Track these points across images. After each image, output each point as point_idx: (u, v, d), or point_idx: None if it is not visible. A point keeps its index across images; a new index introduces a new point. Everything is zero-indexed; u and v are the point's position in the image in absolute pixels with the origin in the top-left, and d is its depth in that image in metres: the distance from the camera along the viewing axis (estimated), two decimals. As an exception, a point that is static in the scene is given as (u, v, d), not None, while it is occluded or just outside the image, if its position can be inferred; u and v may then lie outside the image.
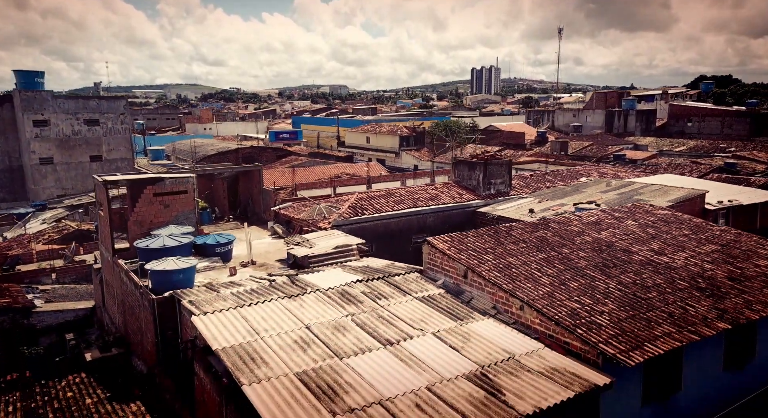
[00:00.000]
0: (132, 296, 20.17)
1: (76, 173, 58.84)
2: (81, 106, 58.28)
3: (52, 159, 57.60)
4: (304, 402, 10.99)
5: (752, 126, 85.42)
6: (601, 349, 12.37)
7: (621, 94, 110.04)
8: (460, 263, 16.39)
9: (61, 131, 57.63)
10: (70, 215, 46.59)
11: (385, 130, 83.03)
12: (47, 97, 56.66)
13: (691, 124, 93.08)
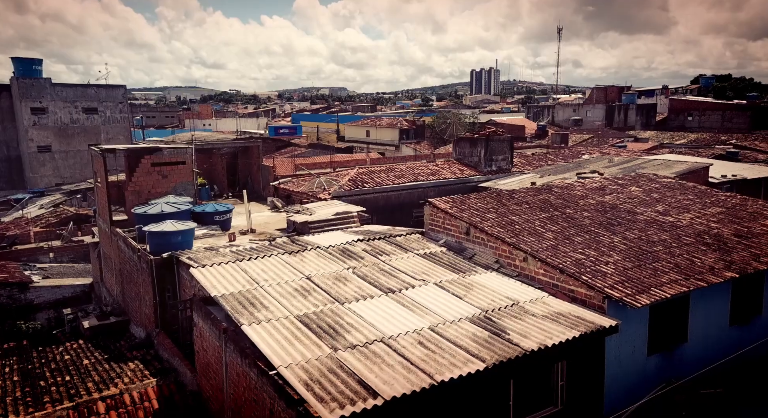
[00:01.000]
0: (130, 262, 19.91)
1: (75, 162, 58.50)
2: (79, 94, 57.97)
3: (50, 147, 57.25)
4: (305, 340, 10.75)
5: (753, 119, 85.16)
6: (607, 293, 12.13)
7: (621, 89, 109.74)
8: (462, 220, 16.14)
9: (59, 119, 57.29)
10: (68, 201, 46.27)
11: (384, 123, 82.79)
12: (45, 84, 56.31)
13: (692, 119, 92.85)
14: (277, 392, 9.55)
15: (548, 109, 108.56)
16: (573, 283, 12.84)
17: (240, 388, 11.20)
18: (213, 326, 12.37)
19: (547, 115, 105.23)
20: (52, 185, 56.31)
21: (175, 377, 14.49)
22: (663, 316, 13.40)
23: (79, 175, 57.56)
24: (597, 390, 12.41)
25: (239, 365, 11.11)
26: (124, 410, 13.00)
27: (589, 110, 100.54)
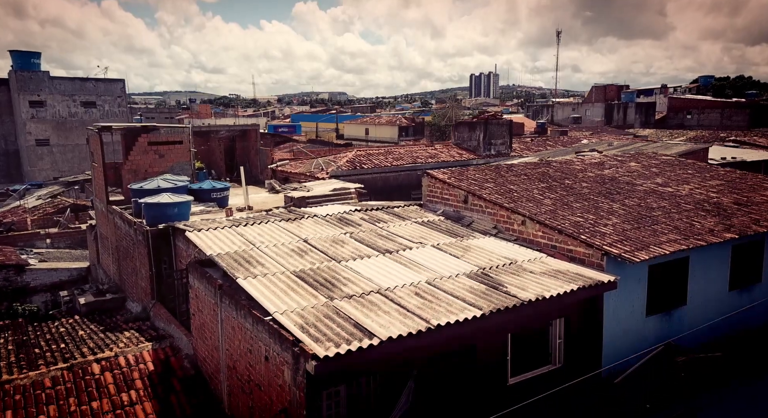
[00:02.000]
0: (126, 237, 19.79)
1: (73, 156, 58.41)
2: (78, 88, 57.91)
3: (48, 141, 57.16)
4: (301, 291, 10.64)
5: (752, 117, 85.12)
6: (606, 250, 12.03)
7: (620, 88, 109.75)
8: (460, 188, 16.04)
9: (57, 113, 57.21)
10: (66, 192, 46.14)
11: (383, 121, 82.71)
12: (43, 77, 56.26)
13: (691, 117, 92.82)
14: (272, 337, 9.44)
15: (547, 108, 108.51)
16: (571, 242, 12.74)
17: (235, 342, 11.08)
18: (209, 284, 12.26)
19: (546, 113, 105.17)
20: (50, 179, 56.16)
21: (171, 342, 14.37)
22: (662, 278, 13.30)
23: (77, 169, 57.42)
24: (595, 349, 12.29)
25: (234, 319, 11.00)
26: (119, 371, 12.88)
27: (588, 109, 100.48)
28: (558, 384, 11.73)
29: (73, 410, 11.58)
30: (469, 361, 10.95)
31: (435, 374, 11.26)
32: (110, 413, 11.69)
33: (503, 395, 11.17)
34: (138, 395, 12.26)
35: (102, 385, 12.37)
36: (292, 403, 8.97)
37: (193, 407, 12.23)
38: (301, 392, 8.69)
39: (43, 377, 12.37)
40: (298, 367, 8.70)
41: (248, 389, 10.68)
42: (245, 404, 10.91)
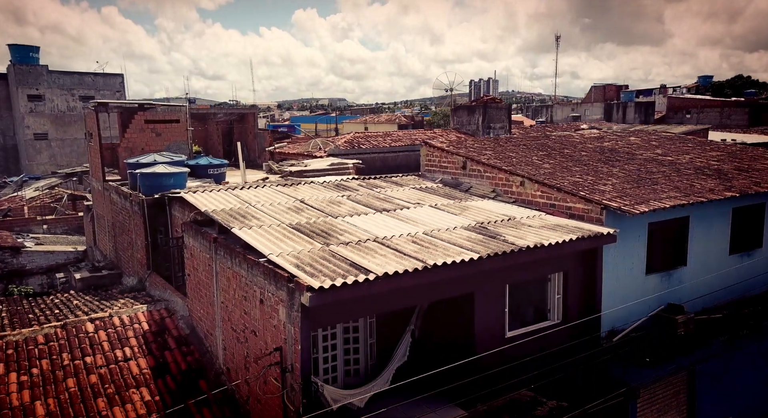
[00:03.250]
0: (122, 211, 19.66)
1: (71, 150, 58.27)
2: (76, 82, 57.80)
3: (46, 135, 57.02)
4: (297, 238, 10.51)
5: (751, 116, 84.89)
6: (605, 204, 11.91)
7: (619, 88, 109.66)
8: (458, 155, 15.93)
9: (56, 107, 57.09)
10: (64, 183, 45.99)
11: (383, 119, 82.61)
12: (42, 71, 56.15)
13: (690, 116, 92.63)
14: (267, 278, 9.30)
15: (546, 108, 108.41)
16: (570, 199, 12.62)
17: (230, 292, 10.94)
18: (203, 240, 12.13)
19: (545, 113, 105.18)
20: (48, 173, 56.00)
21: (166, 304, 14.22)
22: (661, 237, 13.19)
23: (75, 163, 57.23)
24: (594, 305, 12.14)
25: (229, 269, 10.87)
26: (113, 330, 12.73)
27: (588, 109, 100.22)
28: (556, 339, 11.62)
29: (66, 364, 11.43)
30: (467, 310, 10.81)
31: (432, 322, 11.15)
32: (104, 367, 11.53)
33: (501, 347, 11.00)
34: (132, 352, 12.11)
35: (96, 342, 12.22)
36: (287, 341, 8.83)
37: (188, 363, 12.07)
38: (296, 327, 8.54)
39: (36, 333, 12.22)
40: (293, 302, 8.56)
41: (243, 338, 10.54)
42: (240, 354, 10.76)
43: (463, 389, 10.75)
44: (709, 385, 14.61)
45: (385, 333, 11.71)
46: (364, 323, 11.89)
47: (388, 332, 11.60)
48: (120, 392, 10.94)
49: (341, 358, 11.73)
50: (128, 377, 11.39)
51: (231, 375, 11.33)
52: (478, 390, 10.79)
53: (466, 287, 10.46)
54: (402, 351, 11.24)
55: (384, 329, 11.78)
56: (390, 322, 11.68)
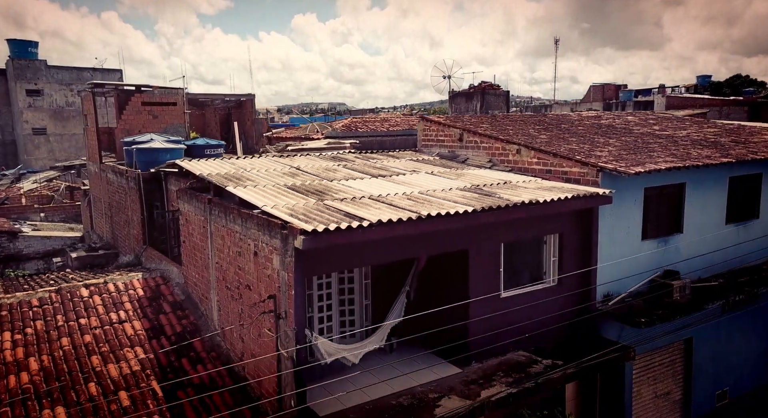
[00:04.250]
0: (119, 190, 19.63)
1: (70, 145, 58.20)
2: (75, 77, 57.74)
3: (45, 130, 56.97)
4: (292, 195, 10.48)
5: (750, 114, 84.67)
6: (601, 166, 11.88)
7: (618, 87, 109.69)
8: (455, 127, 15.92)
9: (54, 102, 57.04)
10: (63, 176, 45.93)
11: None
12: (41, 66, 56.13)
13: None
14: (261, 229, 9.28)
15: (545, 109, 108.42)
16: (566, 164, 12.59)
17: (224, 250, 10.91)
18: (198, 202, 12.11)
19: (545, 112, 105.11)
20: (47, 168, 55.95)
21: (162, 272, 14.18)
22: (657, 202, 13.18)
23: (74, 157, 57.16)
24: (590, 269, 12.10)
25: (223, 227, 10.84)
26: (107, 295, 12.69)
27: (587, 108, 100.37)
28: (551, 302, 11.59)
29: (60, 325, 11.38)
30: (461, 270, 10.77)
31: (427, 283, 11.11)
32: (98, 328, 11.48)
33: (496, 307, 10.98)
34: (127, 315, 12.07)
35: (90, 306, 12.18)
36: (281, 288, 8.79)
37: (182, 326, 12.02)
38: (290, 273, 8.50)
39: (30, 297, 12.18)
40: (287, 248, 8.53)
41: (237, 295, 10.50)
42: (235, 312, 10.72)
43: (458, 349, 10.73)
44: (706, 356, 14.59)
45: (380, 294, 11.68)
46: (359, 285, 11.86)
47: (383, 293, 11.57)
48: (114, 351, 10.89)
49: (336, 319, 11.69)
50: (122, 337, 11.34)
51: (226, 335, 11.29)
52: (473, 350, 10.77)
53: (461, 243, 10.43)
54: (397, 311, 11.20)
55: (379, 291, 11.75)
56: (385, 283, 11.66)
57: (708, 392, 14.87)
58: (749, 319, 15.25)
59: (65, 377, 9.95)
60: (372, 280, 11.83)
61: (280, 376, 9.05)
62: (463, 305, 10.61)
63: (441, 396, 9.66)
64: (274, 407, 9.32)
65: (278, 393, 9.17)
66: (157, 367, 10.70)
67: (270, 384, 9.45)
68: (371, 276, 11.84)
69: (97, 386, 9.91)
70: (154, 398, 9.91)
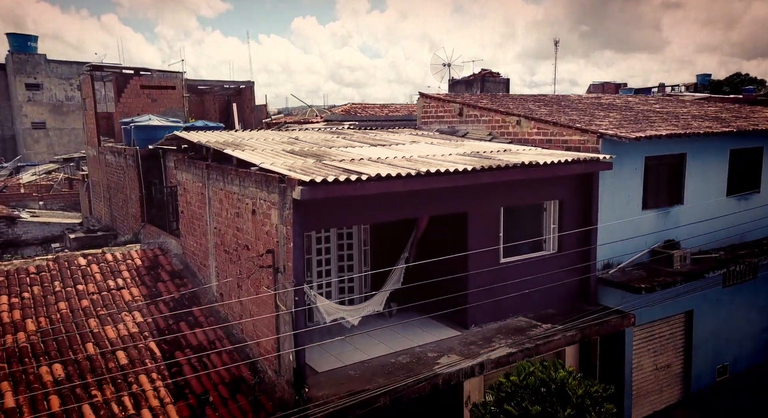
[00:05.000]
0: (117, 171, 19.57)
1: (69, 139, 58.08)
2: (75, 72, 57.47)
3: (44, 124, 56.87)
4: (291, 156, 10.43)
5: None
6: (601, 132, 11.83)
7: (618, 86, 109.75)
8: (455, 102, 15.87)
9: (53, 96, 56.96)
10: (62, 168, 45.87)
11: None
12: (40, 60, 56.05)
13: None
14: (259, 185, 9.22)
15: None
16: (566, 132, 12.54)
17: (223, 214, 10.85)
18: (197, 169, 12.06)
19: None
20: (46, 162, 55.87)
21: (160, 244, 14.12)
22: (658, 172, 13.13)
23: (74, 152, 57.11)
24: (590, 237, 12.04)
25: (221, 190, 10.78)
26: (105, 264, 12.62)
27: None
28: (551, 270, 11.52)
29: (58, 290, 11.33)
30: (460, 234, 10.69)
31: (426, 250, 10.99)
32: (95, 294, 11.42)
33: (495, 273, 10.90)
34: (125, 283, 12.01)
35: (88, 273, 12.12)
36: (280, 243, 8.73)
37: (181, 293, 11.96)
38: (288, 226, 8.44)
39: (27, 264, 12.13)
40: (285, 201, 8.47)
41: (236, 257, 10.44)
42: (233, 274, 10.66)
43: (458, 314, 10.69)
44: (706, 329, 14.53)
45: (380, 261, 11.59)
46: (358, 252, 11.80)
47: (382, 260, 11.47)
48: (112, 315, 10.83)
49: (335, 286, 11.64)
50: (120, 302, 11.29)
51: (224, 300, 11.22)
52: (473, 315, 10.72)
53: (460, 205, 10.36)
54: (396, 277, 11.15)
55: (378, 257, 11.68)
56: (384, 250, 11.59)
57: (708, 366, 14.81)
58: (750, 294, 15.21)
59: (63, 338, 9.89)
60: (371, 247, 11.79)
61: (278, 332, 8.99)
62: (463, 271, 10.53)
63: (440, 355, 9.60)
64: (273, 364, 9.26)
65: (277, 350, 9.10)
66: (155, 330, 10.63)
67: (268, 342, 9.39)
68: (370, 242, 11.79)
69: (94, 346, 9.85)
70: (152, 357, 9.85)
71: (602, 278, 12.24)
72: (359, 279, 11.78)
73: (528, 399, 7.28)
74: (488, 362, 9.43)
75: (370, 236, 11.81)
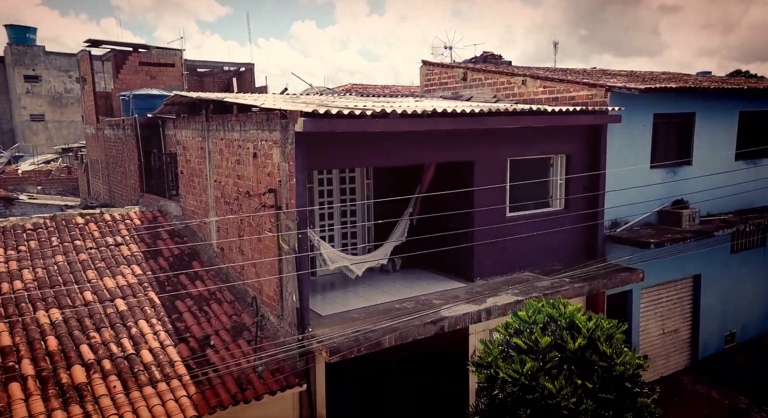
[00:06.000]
0: (116, 144, 19.36)
1: (68, 132, 57.82)
2: (74, 64, 57.35)
3: (43, 116, 56.63)
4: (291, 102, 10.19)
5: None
6: (610, 85, 11.61)
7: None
8: (459, 67, 15.66)
9: (53, 88, 56.73)
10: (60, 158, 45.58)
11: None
12: (39, 52, 55.85)
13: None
14: (260, 125, 9.00)
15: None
16: (574, 88, 12.32)
17: (223, 164, 10.63)
18: (196, 123, 11.84)
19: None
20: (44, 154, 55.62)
21: (159, 208, 13.89)
22: (667, 132, 12.93)
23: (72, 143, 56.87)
24: (597, 193, 11.81)
25: (221, 139, 10.56)
26: (103, 223, 12.38)
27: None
28: (558, 226, 11.34)
29: (55, 245, 11.09)
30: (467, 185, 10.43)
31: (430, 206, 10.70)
32: (94, 249, 11.19)
33: (502, 228, 10.68)
34: (123, 240, 11.78)
35: (86, 231, 11.88)
36: (282, 181, 8.51)
37: (180, 250, 11.73)
38: (290, 162, 8.22)
39: (24, 221, 11.90)
40: (287, 136, 8.25)
41: (236, 207, 10.21)
42: (234, 226, 10.43)
43: (463, 267, 10.49)
44: (714, 294, 14.32)
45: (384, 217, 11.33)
46: (361, 208, 11.57)
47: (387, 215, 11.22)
48: (110, 267, 10.60)
49: (339, 242, 11.42)
50: (119, 256, 11.06)
51: (225, 254, 11.00)
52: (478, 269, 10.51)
53: (466, 153, 10.14)
54: (400, 231, 10.95)
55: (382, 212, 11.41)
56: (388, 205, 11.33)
57: (716, 332, 14.59)
58: (758, 263, 15.01)
59: (60, 287, 9.66)
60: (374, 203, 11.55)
61: (281, 277, 8.76)
62: (468, 225, 10.30)
63: (446, 302, 9.37)
64: (276, 310, 9.04)
65: (279, 294, 8.88)
66: (155, 281, 10.40)
67: (271, 288, 9.17)
68: (374, 197, 11.55)
69: (93, 294, 9.61)
70: (151, 306, 9.62)
71: (610, 235, 12.02)
72: (362, 233, 11.56)
73: (537, 332, 7.04)
74: (495, 308, 9.20)
75: (374, 191, 11.58)
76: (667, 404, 12.03)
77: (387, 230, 10.95)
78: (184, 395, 7.62)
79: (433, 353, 10.28)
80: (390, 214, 10.90)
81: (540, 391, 6.57)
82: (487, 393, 7.17)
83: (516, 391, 6.69)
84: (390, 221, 10.86)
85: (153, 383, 7.76)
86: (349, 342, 7.81)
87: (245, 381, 8.16)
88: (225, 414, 7.70)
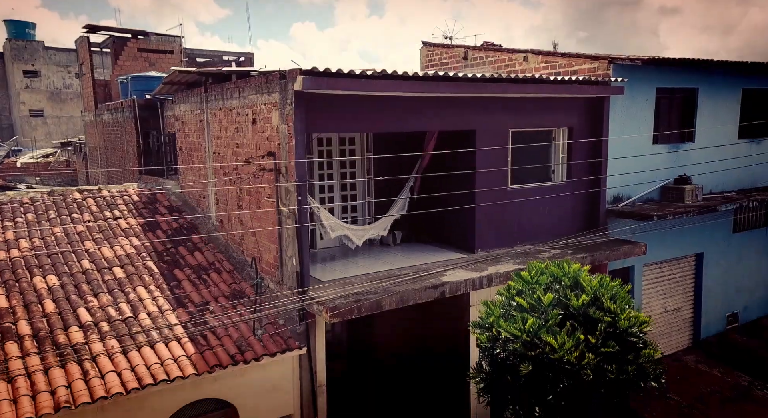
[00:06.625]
0: (114, 128, 19.27)
1: (68, 128, 57.71)
2: (73, 59, 57.23)
3: (42, 112, 56.51)
4: (291, 72, 10.09)
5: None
6: (612, 57, 11.52)
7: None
8: (460, 48, 15.58)
9: (52, 84, 56.63)
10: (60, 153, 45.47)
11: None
12: (38, 47, 55.74)
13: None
14: (259, 89, 8.91)
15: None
16: (576, 62, 12.24)
17: (222, 134, 10.54)
18: (195, 96, 11.74)
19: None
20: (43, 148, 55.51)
21: (157, 185, 13.79)
22: (669, 107, 12.84)
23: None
24: (599, 167, 11.71)
25: (220, 109, 10.47)
26: (101, 199, 12.29)
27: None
28: (559, 199, 11.23)
29: (53, 217, 10.98)
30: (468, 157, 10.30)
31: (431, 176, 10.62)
32: (91, 222, 11.08)
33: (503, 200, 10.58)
34: (121, 214, 11.68)
35: (83, 205, 11.78)
36: (281, 145, 8.41)
37: (179, 223, 11.63)
38: (290, 123, 8.12)
39: (21, 196, 11.79)
40: (286, 97, 8.15)
41: (235, 177, 10.11)
42: (233, 197, 10.34)
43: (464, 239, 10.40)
44: (717, 274, 14.23)
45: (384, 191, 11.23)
46: (362, 185, 11.47)
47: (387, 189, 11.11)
48: (108, 239, 10.50)
49: (338, 211, 11.32)
50: (116, 229, 10.96)
51: (224, 226, 10.90)
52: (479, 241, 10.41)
53: (468, 121, 10.03)
54: (401, 204, 10.85)
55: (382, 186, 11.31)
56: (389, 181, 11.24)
57: (718, 312, 14.50)
58: (761, 243, 14.93)
59: (57, 255, 9.56)
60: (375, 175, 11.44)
61: (281, 238, 8.67)
62: (470, 197, 10.19)
63: (446, 270, 9.28)
64: (275, 276, 8.94)
65: (279, 260, 8.78)
66: (153, 252, 10.30)
67: (270, 254, 9.07)
68: (374, 172, 11.43)
69: (90, 263, 9.52)
70: (150, 274, 9.52)
71: (612, 209, 11.94)
72: (363, 206, 11.46)
73: (539, 291, 6.95)
74: (496, 275, 9.11)
75: (374, 165, 11.47)
76: (670, 382, 11.93)
77: (388, 203, 10.86)
78: (183, 355, 7.53)
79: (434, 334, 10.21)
80: (390, 186, 10.80)
81: (542, 347, 6.47)
82: (489, 353, 7.07)
83: (517, 348, 6.59)
84: (390, 194, 10.76)
85: (151, 344, 7.66)
86: (349, 303, 7.71)
87: (245, 344, 8.06)
88: (225, 375, 7.60)
